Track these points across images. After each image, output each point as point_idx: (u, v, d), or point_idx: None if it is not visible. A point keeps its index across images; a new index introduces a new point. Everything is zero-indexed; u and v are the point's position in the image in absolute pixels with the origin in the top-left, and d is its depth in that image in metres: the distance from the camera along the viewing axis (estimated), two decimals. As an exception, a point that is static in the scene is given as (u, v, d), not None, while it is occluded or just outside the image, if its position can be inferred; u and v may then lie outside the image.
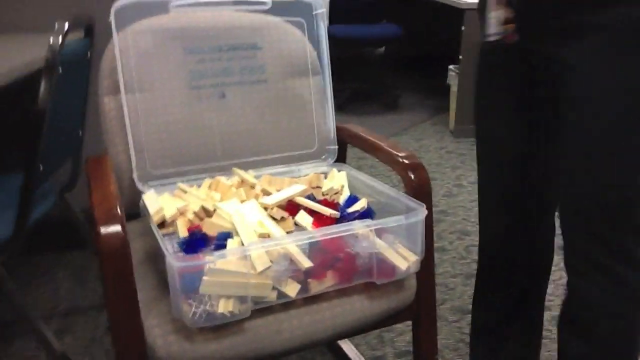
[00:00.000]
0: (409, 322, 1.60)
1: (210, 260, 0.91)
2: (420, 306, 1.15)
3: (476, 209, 2.45)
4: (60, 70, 1.31)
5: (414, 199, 1.08)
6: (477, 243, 2.17)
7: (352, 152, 1.44)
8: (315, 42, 1.40)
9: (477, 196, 1.34)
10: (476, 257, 2.07)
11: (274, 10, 1.37)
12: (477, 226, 2.30)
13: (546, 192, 1.22)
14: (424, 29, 4.86)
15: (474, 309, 1.37)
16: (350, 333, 1.07)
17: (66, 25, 1.33)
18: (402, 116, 3.99)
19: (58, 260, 2.09)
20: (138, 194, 1.21)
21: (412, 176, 1.14)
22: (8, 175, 1.64)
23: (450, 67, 3.59)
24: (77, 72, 1.51)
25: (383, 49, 4.51)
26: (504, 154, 1.21)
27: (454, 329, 1.71)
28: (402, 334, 1.68)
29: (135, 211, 1.23)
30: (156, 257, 1.12)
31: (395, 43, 4.32)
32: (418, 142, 3.42)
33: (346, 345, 1.59)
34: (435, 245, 1.37)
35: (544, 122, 1.14)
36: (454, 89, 3.54)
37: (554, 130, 1.11)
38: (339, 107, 1.42)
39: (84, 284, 1.95)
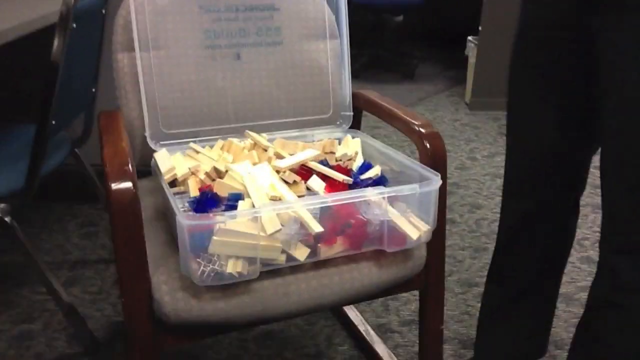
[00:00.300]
0: (415, 292, 1.60)
1: (221, 220, 0.90)
2: (429, 276, 1.14)
3: (489, 183, 2.45)
4: (75, 25, 1.29)
5: (429, 168, 1.06)
6: (487, 217, 2.17)
7: (365, 121, 1.42)
8: (333, 5, 1.37)
9: (490, 170, 1.31)
10: (486, 231, 2.07)
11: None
12: (488, 200, 2.30)
13: (575, 176, 1.20)
14: (444, -2, 4.77)
15: (489, 284, 1.35)
16: (357, 299, 1.07)
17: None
18: (418, 86, 3.95)
19: (69, 212, 2.11)
20: (149, 153, 1.20)
21: (428, 145, 1.12)
22: (23, 126, 1.64)
23: (469, 37, 3.52)
24: (91, 27, 1.49)
25: (401, 17, 4.44)
26: (534, 137, 1.16)
27: (459, 300, 1.71)
28: (408, 303, 1.68)
29: (145, 169, 1.23)
30: (166, 215, 1.12)
31: (414, 12, 4.24)
32: (433, 114, 3.39)
33: (351, 312, 1.60)
34: (446, 217, 1.36)
35: (579, 106, 1.10)
36: (472, 60, 3.49)
37: (589, 114, 1.09)
38: (355, 74, 1.40)
39: (93, 237, 1.97)
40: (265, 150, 1.19)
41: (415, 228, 1.03)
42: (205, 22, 1.27)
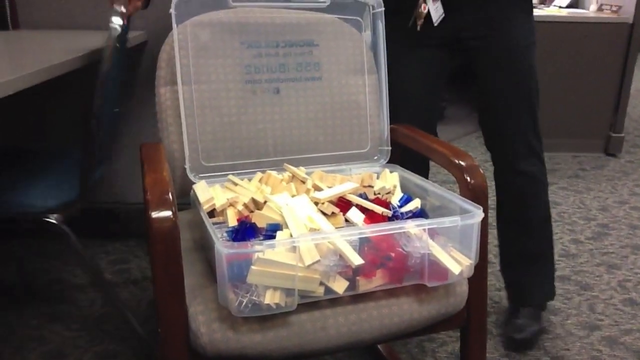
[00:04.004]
0: (451, 333, 1.56)
1: (259, 249, 0.89)
2: (470, 313, 1.11)
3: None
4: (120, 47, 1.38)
5: (470, 201, 1.05)
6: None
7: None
8: (372, 41, 1.39)
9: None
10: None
11: (331, 9, 1.36)
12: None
13: None
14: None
15: None
16: (397, 336, 1.04)
17: (123, 8, 1.38)
18: (448, 127, 3.94)
19: (101, 250, 2.12)
20: (188, 185, 1.21)
21: (469, 178, 1.10)
22: (62, 149, 1.74)
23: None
24: (121, 55, 1.55)
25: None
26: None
27: (498, 342, 1.65)
28: (444, 344, 1.63)
29: (184, 202, 1.24)
30: (204, 247, 1.12)
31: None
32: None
33: (387, 351, 1.55)
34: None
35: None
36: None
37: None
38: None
39: (125, 274, 1.97)
40: (304, 183, 1.19)
41: (456, 262, 1.00)
42: (246, 57, 1.29)
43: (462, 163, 1.13)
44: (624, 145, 3.42)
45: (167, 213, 0.91)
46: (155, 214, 0.90)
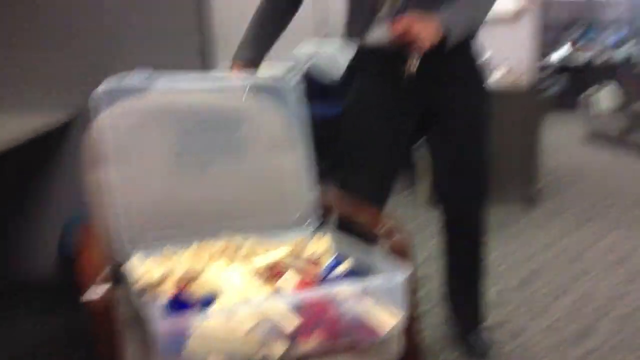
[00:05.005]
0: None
1: (195, 321, 0.91)
2: (407, 365, 1.15)
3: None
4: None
5: (395, 260, 1.11)
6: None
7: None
8: (293, 117, 1.45)
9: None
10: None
11: (253, 89, 1.44)
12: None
13: None
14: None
15: None
16: (339, 396, 1.06)
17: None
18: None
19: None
20: (124, 260, 1.21)
21: (393, 237, 1.17)
22: None
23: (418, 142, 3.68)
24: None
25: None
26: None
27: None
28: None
29: (121, 276, 1.23)
30: (142, 321, 1.12)
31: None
32: (394, 213, 3.45)
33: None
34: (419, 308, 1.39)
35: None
36: (422, 163, 3.62)
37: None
38: (319, 181, 1.47)
39: None
40: (238, 251, 1.22)
41: (387, 318, 1.05)
42: (172, 138, 1.34)
43: (386, 224, 1.19)
44: (543, 195, 3.63)
45: (102, 292, 0.92)
46: (89, 296, 0.91)
